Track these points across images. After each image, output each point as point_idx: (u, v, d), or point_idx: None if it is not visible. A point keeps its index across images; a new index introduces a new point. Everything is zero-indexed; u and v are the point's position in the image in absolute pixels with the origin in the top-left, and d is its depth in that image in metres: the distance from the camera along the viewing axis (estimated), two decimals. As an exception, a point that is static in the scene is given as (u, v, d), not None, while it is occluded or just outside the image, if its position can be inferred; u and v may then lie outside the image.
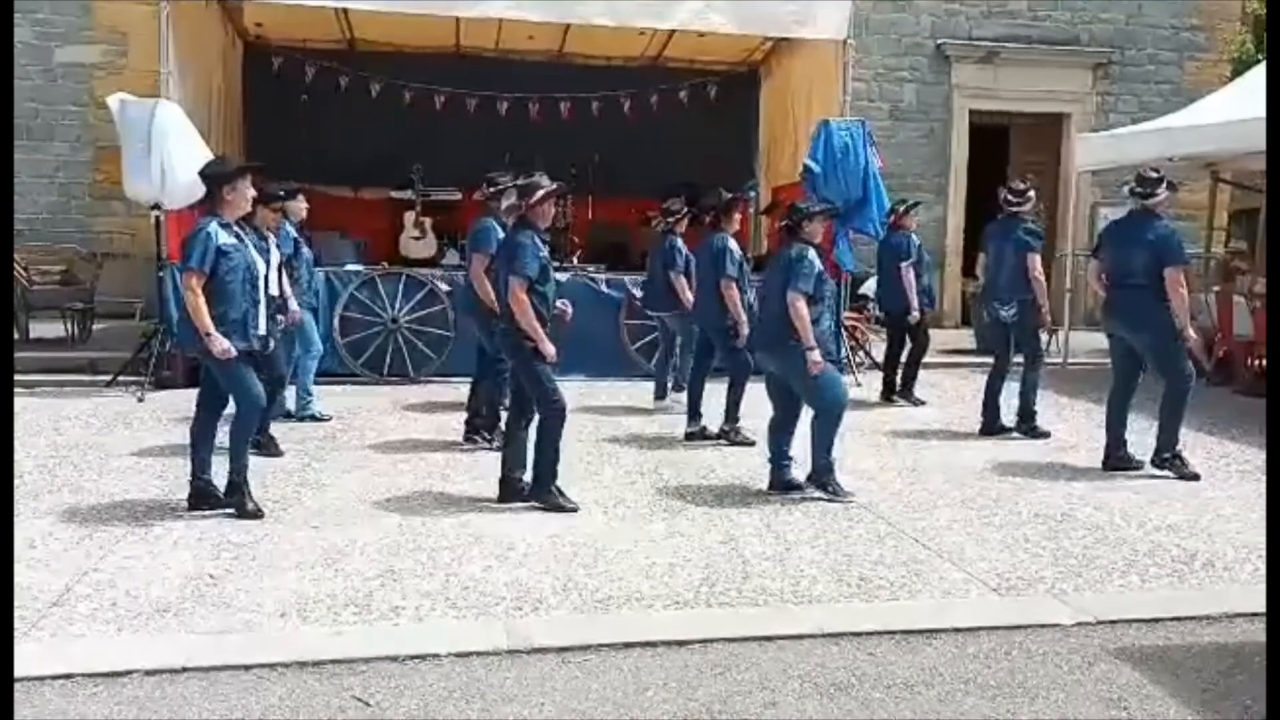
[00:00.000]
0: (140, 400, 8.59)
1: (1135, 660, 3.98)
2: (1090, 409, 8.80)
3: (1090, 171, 12.64)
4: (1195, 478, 6.65)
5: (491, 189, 7.18)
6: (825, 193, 10.09)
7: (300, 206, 8.07)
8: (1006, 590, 4.69)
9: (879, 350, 10.14)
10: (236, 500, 5.51)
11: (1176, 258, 6.61)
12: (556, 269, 10.27)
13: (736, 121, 13.71)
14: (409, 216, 12.33)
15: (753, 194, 13.15)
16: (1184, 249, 6.75)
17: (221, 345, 5.30)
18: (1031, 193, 8.28)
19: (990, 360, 8.28)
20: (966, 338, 12.89)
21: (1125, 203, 16.07)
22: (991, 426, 7.94)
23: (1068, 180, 13.74)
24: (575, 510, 5.69)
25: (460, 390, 8.37)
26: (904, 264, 9.23)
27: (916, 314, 9.20)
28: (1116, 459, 6.89)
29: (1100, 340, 13.05)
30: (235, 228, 5.56)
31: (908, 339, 9.41)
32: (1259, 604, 4.52)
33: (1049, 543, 5.34)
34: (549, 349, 5.64)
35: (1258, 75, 11.01)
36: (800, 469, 6.18)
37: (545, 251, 5.74)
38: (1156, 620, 4.37)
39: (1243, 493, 6.41)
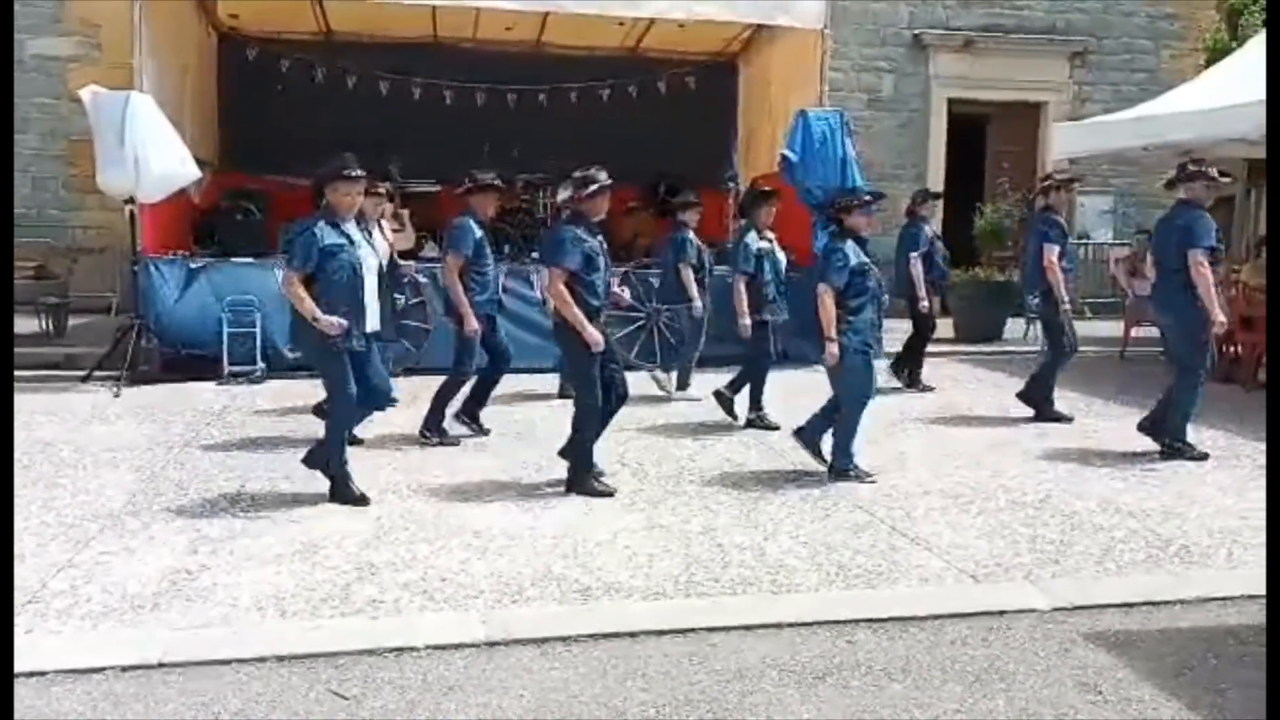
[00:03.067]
0: (116, 395, 8.52)
1: (1110, 645, 4.01)
2: (1075, 399, 8.85)
3: (1067, 160, 12.69)
4: (1204, 457, 6.87)
5: (472, 184, 7.11)
6: (805, 182, 10.14)
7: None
8: (984, 577, 4.72)
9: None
10: (340, 492, 5.63)
11: (1196, 240, 6.70)
12: (533, 261, 10.37)
13: (715, 112, 13.71)
14: (387, 209, 12.23)
15: (731, 185, 13.18)
16: (1211, 234, 6.75)
17: (331, 322, 5.34)
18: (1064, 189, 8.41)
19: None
20: (946, 327, 12.91)
21: (1108, 190, 16.22)
22: (1045, 413, 8.10)
23: (1045, 168, 13.80)
24: (611, 494, 5.81)
25: (432, 384, 8.36)
26: (913, 255, 9.34)
27: (925, 304, 9.35)
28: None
29: (1087, 329, 13.22)
30: (346, 226, 5.57)
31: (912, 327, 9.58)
32: (1232, 589, 4.60)
33: (1026, 530, 5.37)
34: (594, 336, 5.65)
35: (1232, 64, 11.09)
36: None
37: (594, 242, 5.75)
38: (1131, 605, 4.40)
39: (1216, 479, 6.46)
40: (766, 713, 3.44)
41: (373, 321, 5.64)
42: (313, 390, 8.51)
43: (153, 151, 8.89)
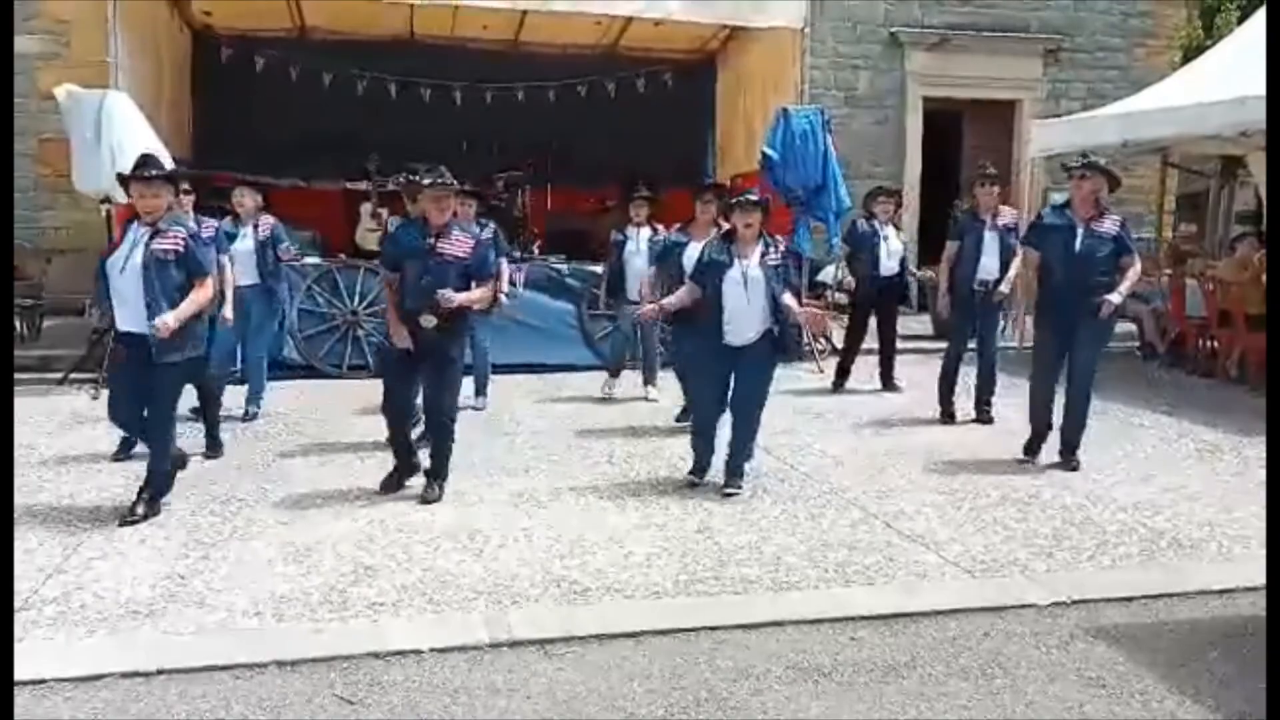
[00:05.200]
0: (94, 398, 8.36)
1: (1110, 638, 4.04)
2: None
3: (1043, 157, 12.78)
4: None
5: (407, 180, 6.75)
6: (785, 180, 10.15)
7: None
8: (981, 572, 4.74)
9: (838, 337, 10.17)
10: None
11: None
12: (519, 259, 10.33)
13: (693, 110, 13.71)
14: (365, 208, 12.15)
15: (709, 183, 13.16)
16: (1026, 234, 7.02)
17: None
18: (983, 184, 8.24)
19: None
20: (923, 323, 12.96)
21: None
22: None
23: (1020, 165, 13.89)
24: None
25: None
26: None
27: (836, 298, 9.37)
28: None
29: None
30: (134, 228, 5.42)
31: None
32: (1226, 581, 4.65)
33: (1019, 525, 5.40)
34: (396, 333, 5.68)
35: (1207, 61, 11.20)
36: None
37: (418, 243, 5.70)
38: (1129, 599, 4.43)
39: (1201, 472, 6.53)
40: (776, 711, 3.44)
41: (132, 323, 5.28)
42: (295, 393, 8.49)
43: (128, 150, 8.74)
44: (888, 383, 9.23)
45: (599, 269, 9.54)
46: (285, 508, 5.55)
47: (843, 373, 9.26)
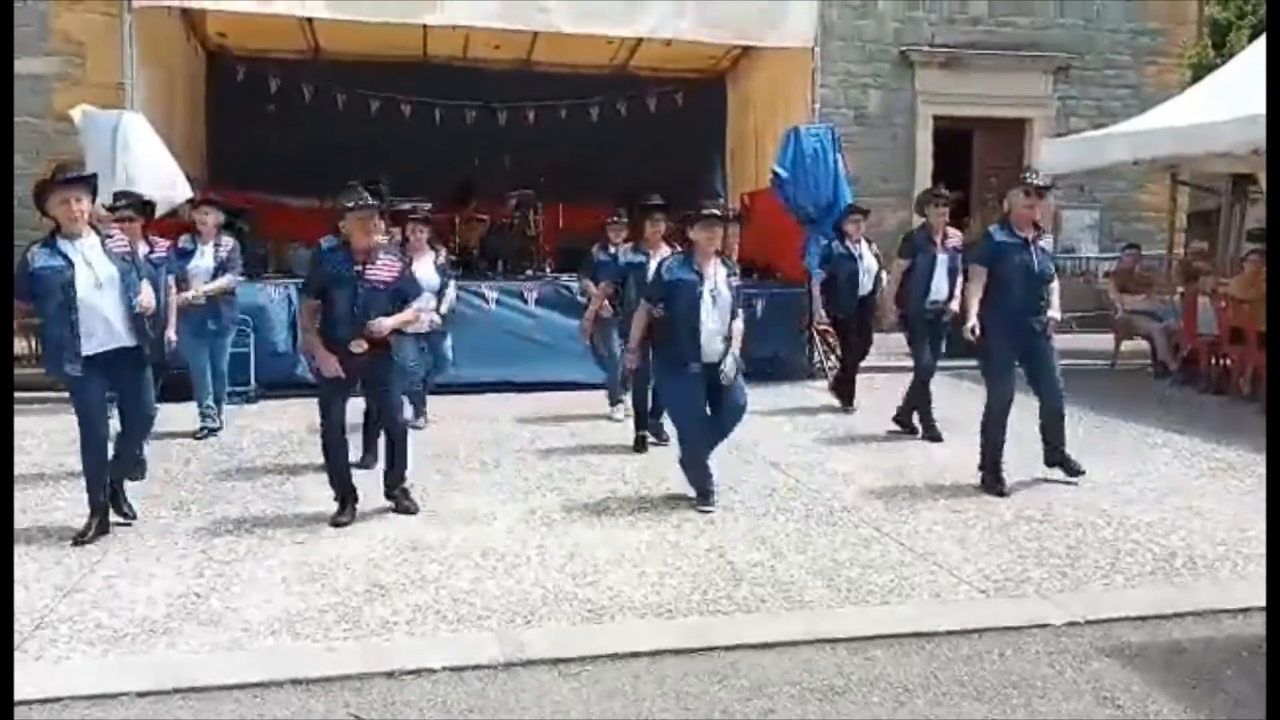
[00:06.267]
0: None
1: (1126, 658, 4.03)
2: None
3: (1052, 175, 12.79)
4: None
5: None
6: (796, 198, 10.18)
7: None
8: (995, 592, 4.73)
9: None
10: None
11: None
12: (529, 278, 10.38)
13: (704, 129, 13.77)
14: (379, 225, 12.20)
15: (720, 202, 13.21)
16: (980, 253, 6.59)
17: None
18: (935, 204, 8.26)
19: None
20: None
21: (1094, 205, 16.35)
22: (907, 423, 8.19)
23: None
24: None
25: (429, 402, 8.36)
26: (816, 271, 9.41)
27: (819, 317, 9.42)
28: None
29: (1065, 342, 13.25)
30: (67, 245, 5.25)
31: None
32: (1241, 600, 4.62)
33: (1032, 543, 5.38)
34: (325, 361, 5.60)
35: (1217, 79, 11.20)
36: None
37: (343, 271, 5.61)
38: (1144, 618, 4.41)
39: (1214, 490, 6.51)
40: (790, 731, 3.44)
41: (97, 344, 5.17)
42: (307, 411, 8.50)
43: (144, 171, 8.84)
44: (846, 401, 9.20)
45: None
46: (299, 526, 5.56)
47: (847, 393, 9.22)
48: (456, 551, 5.15)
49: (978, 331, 6.25)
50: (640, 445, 7.48)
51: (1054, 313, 6.38)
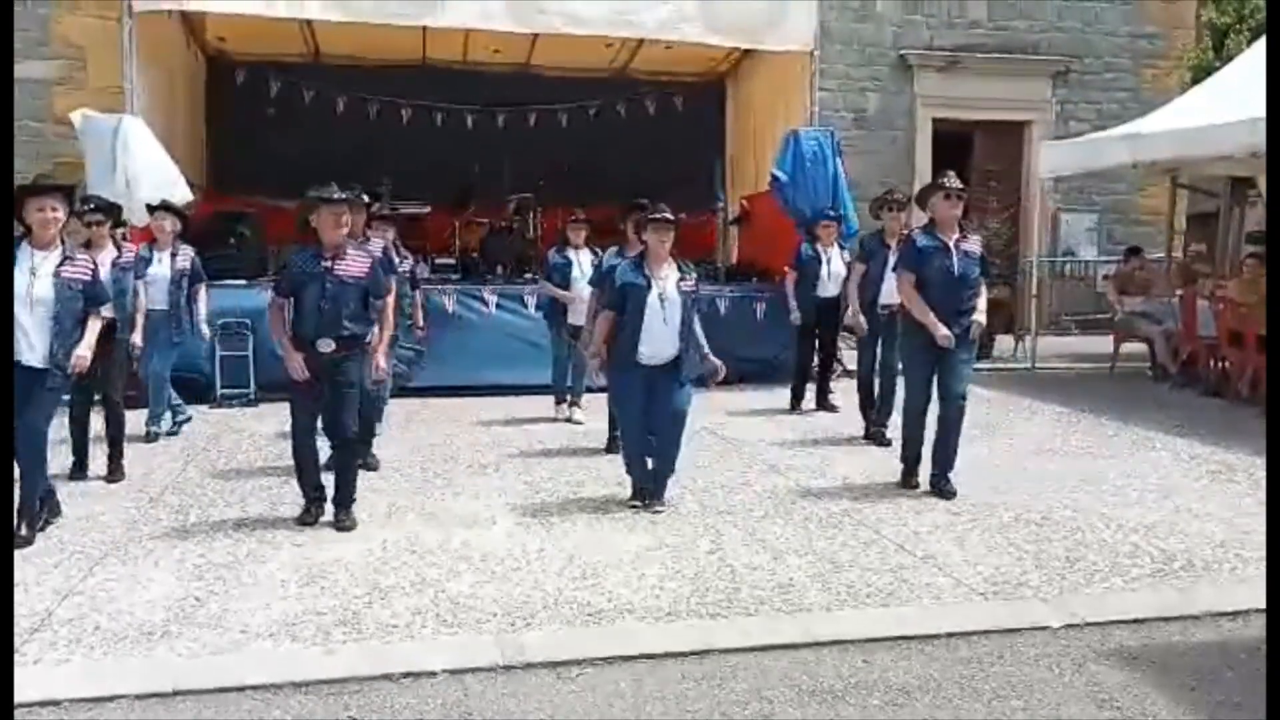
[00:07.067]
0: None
1: (1124, 661, 4.03)
2: (1060, 412, 8.93)
3: (1053, 178, 12.83)
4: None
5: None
6: (795, 201, 10.20)
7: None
8: (994, 594, 4.73)
9: (850, 358, 10.16)
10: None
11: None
12: (526, 281, 10.38)
13: (703, 132, 13.78)
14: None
15: (720, 204, 13.25)
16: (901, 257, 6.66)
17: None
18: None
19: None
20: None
21: (1093, 208, 16.33)
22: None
23: (1030, 187, 13.93)
24: None
25: (430, 404, 8.37)
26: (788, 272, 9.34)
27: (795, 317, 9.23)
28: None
29: (1064, 345, 13.35)
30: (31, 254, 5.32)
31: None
32: (1239, 603, 4.62)
33: (1031, 546, 5.39)
34: (291, 364, 5.55)
35: (1217, 82, 11.22)
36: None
37: (312, 270, 5.54)
38: (1142, 621, 4.42)
39: (1214, 493, 6.51)
40: (789, 733, 3.45)
41: (29, 356, 5.15)
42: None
43: (144, 174, 8.88)
44: (823, 402, 9.24)
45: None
46: (297, 529, 5.56)
47: (797, 395, 9.27)
48: (456, 554, 5.16)
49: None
50: (613, 446, 7.39)
51: (979, 316, 6.32)
